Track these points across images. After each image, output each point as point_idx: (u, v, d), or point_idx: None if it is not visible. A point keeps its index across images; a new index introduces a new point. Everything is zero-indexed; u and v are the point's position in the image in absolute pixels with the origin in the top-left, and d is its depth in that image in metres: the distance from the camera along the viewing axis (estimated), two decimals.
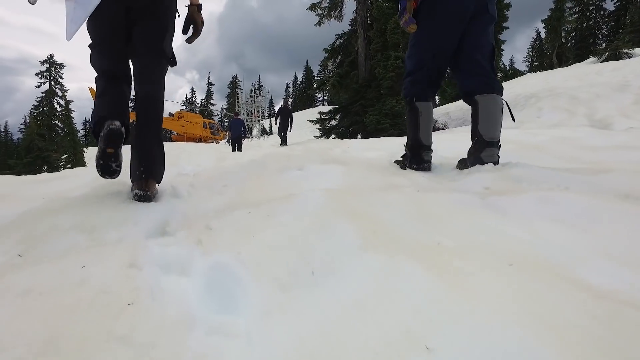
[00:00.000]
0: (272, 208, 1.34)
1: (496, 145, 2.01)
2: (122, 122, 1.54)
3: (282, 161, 2.42)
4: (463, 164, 2.13)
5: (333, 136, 14.56)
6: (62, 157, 11.74)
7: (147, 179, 1.64)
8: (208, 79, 77.30)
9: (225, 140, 12.09)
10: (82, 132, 55.68)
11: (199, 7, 1.80)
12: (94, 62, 1.70)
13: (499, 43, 29.93)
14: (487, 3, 2.01)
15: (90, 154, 24.64)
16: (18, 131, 55.24)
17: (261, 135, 44.28)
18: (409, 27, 2.13)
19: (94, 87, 1.71)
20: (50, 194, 2.05)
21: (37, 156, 10.74)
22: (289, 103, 13.14)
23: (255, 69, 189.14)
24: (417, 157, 2.20)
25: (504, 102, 2.05)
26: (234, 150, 11.33)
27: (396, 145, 3.63)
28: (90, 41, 1.69)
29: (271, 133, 52.03)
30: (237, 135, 11.50)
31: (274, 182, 1.99)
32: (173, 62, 1.83)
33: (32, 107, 45.70)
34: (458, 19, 2.01)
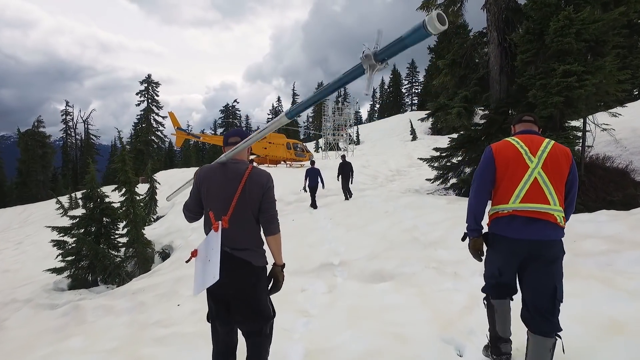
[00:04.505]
0: None
1: None
2: None
3: None
4: None
5: (453, 181, 10.68)
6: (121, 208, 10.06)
7: None
8: (293, 89, 77.30)
9: (302, 188, 12.28)
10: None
11: (282, 267, 2.27)
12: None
13: None
14: (541, 249, 2.18)
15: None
16: (126, 144, 60.43)
17: (349, 144, 41.77)
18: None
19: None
20: None
21: (96, 207, 9.04)
22: (346, 155, 11.56)
23: (340, 73, 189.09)
24: (496, 349, 2.46)
25: (555, 341, 2.15)
26: (312, 198, 11.78)
27: None
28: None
29: (358, 142, 49.48)
30: (314, 184, 11.78)
31: None
32: (268, 318, 2.21)
33: (133, 124, 48.88)
34: (511, 256, 2.28)
